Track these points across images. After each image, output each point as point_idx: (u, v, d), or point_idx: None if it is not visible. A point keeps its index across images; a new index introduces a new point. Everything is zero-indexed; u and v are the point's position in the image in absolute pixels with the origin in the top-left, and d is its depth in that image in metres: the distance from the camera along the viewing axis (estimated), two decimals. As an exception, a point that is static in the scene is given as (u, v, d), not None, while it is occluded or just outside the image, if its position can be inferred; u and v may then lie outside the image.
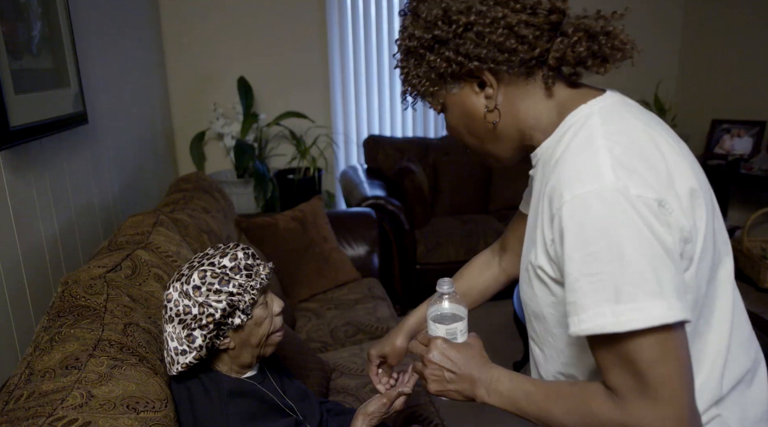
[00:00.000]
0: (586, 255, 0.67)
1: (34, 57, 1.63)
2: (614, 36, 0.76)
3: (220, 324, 1.06)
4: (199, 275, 1.05)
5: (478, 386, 0.84)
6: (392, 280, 3.13)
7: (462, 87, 0.82)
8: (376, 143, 3.70)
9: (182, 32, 3.57)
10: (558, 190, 0.71)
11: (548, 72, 0.79)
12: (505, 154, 0.88)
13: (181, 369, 1.06)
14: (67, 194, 1.84)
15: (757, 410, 0.82)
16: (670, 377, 0.65)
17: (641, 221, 0.66)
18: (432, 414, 1.61)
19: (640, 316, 0.64)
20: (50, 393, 0.92)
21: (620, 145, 0.71)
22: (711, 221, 0.76)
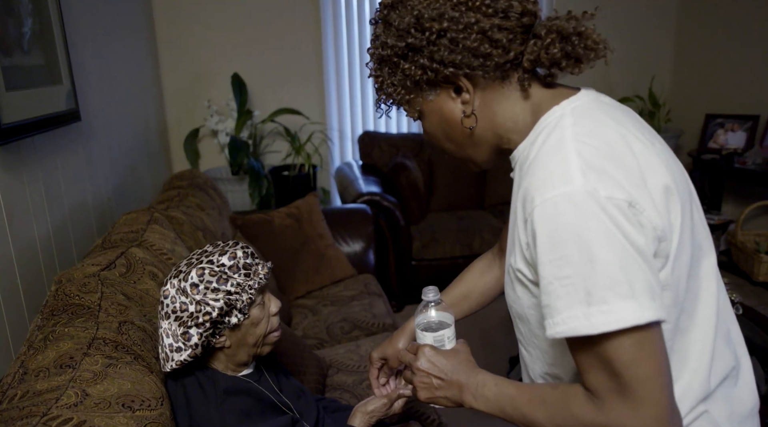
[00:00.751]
0: (557, 259, 0.67)
1: (25, 54, 1.61)
2: (587, 36, 0.76)
3: (217, 323, 1.05)
4: (198, 272, 1.04)
5: (465, 392, 0.85)
6: (388, 276, 3.13)
7: (438, 93, 0.82)
8: (371, 139, 3.69)
9: (175, 29, 3.55)
10: (530, 193, 0.72)
11: (523, 74, 0.79)
12: (482, 157, 0.88)
13: (175, 366, 1.05)
14: (61, 192, 1.83)
15: (745, 406, 0.82)
16: (648, 378, 0.65)
17: (611, 222, 0.66)
18: (429, 410, 1.62)
19: (612, 318, 0.64)
20: (44, 392, 0.91)
21: (590, 146, 0.71)
22: (689, 217, 0.75)
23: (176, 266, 1.12)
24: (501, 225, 3.33)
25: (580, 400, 0.71)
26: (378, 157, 3.66)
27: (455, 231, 3.25)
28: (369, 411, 1.17)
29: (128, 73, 2.82)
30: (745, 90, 3.67)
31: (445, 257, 3.24)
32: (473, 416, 2.23)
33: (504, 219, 3.42)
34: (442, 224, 3.30)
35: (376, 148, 3.67)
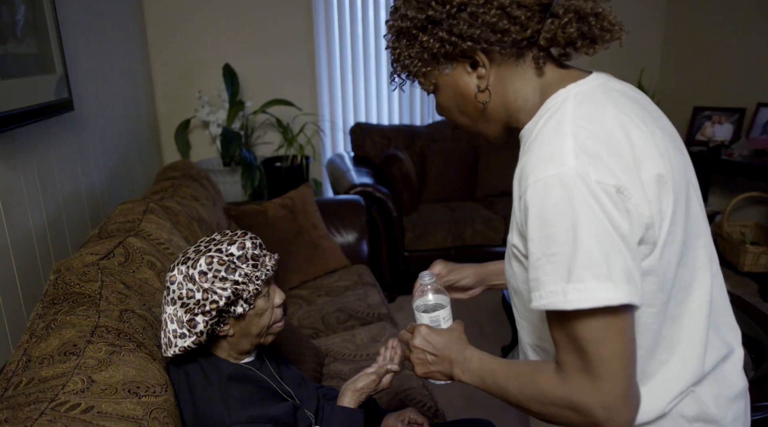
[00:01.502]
0: (545, 237, 0.70)
1: (18, 42, 1.60)
2: (603, 17, 0.77)
3: (223, 311, 1.05)
4: (206, 260, 1.05)
5: (455, 367, 0.91)
6: (380, 267, 3.14)
7: (454, 67, 0.83)
8: (363, 131, 3.70)
9: (165, 18, 3.52)
10: (524, 172, 0.74)
11: (538, 53, 0.80)
12: (493, 133, 0.89)
13: (178, 352, 1.05)
14: (55, 182, 1.82)
15: (733, 388, 0.85)
16: (611, 357, 0.68)
17: (598, 206, 0.68)
18: (425, 397, 1.64)
19: (585, 296, 0.67)
20: (50, 379, 0.92)
21: (587, 131, 0.72)
22: (683, 207, 0.77)
23: (183, 252, 1.12)
24: (492, 216, 3.35)
25: (548, 373, 0.75)
26: (370, 148, 3.67)
27: (447, 222, 3.27)
28: (358, 388, 1.19)
29: (118, 62, 2.80)
30: (732, 83, 3.73)
31: (437, 248, 3.26)
32: (468, 405, 2.26)
33: (495, 210, 3.45)
34: (434, 216, 3.32)
35: (368, 139, 3.68)
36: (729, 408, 0.83)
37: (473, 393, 2.36)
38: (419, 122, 4.08)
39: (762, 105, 3.48)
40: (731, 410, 0.83)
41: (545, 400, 0.75)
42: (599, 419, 0.70)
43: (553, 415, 0.75)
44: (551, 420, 0.76)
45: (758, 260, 3.29)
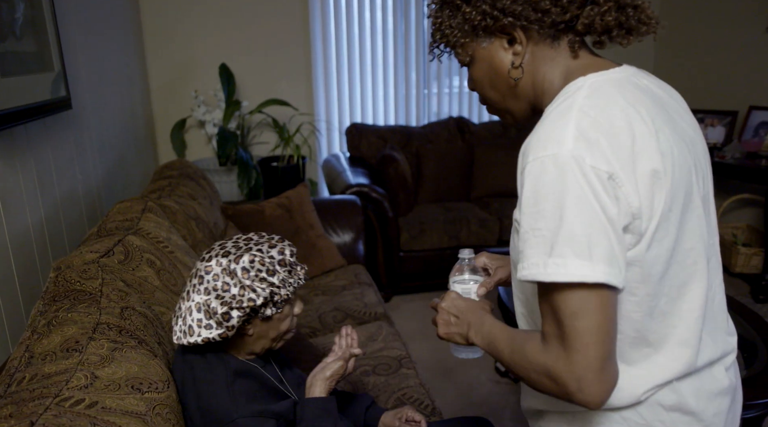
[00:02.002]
0: (535, 212, 0.73)
1: (17, 40, 1.60)
2: (642, 10, 0.81)
3: (255, 311, 1.07)
4: (250, 258, 1.07)
5: (471, 329, 0.95)
6: (376, 267, 3.15)
7: (492, 41, 0.86)
8: (359, 131, 3.71)
9: (161, 18, 3.52)
10: (527, 150, 0.77)
11: (574, 38, 0.83)
12: (520, 111, 0.92)
13: (200, 342, 1.06)
14: (52, 180, 1.82)
15: (716, 384, 0.86)
16: (585, 331, 0.71)
17: (589, 189, 0.71)
18: (423, 395, 1.65)
19: (563, 271, 0.71)
20: (53, 375, 0.92)
21: (590, 118, 0.75)
22: (680, 207, 0.78)
23: (219, 244, 1.13)
24: (487, 217, 3.37)
25: (533, 341, 0.78)
26: (366, 149, 3.68)
27: (443, 223, 3.28)
28: (328, 376, 1.19)
29: (115, 62, 2.79)
30: (724, 86, 3.77)
31: (432, 248, 3.28)
32: (465, 404, 2.27)
33: (490, 211, 3.47)
34: (430, 216, 3.33)
35: (364, 140, 3.69)
36: (710, 403, 0.84)
37: (470, 392, 2.37)
38: (415, 123, 4.10)
39: (754, 108, 3.52)
40: (713, 404, 0.85)
41: (528, 366, 0.78)
42: (571, 389, 0.72)
43: (534, 381, 0.78)
44: (533, 386, 0.79)
45: (750, 261, 3.32)
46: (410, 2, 3.85)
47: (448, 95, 4.17)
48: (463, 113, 4.18)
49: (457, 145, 3.73)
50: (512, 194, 3.66)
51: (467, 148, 3.72)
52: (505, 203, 3.51)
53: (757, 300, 3.13)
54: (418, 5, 3.87)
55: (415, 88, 4.04)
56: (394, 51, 3.93)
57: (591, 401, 0.72)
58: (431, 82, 4.09)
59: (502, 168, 3.67)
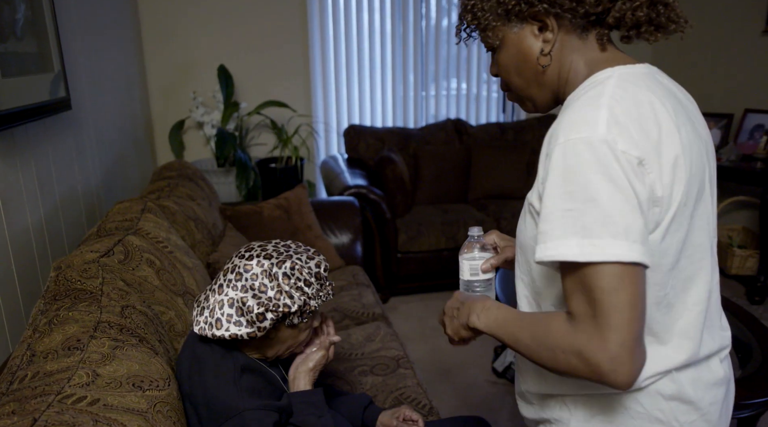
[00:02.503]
0: (565, 193, 0.74)
1: (18, 40, 1.61)
2: (672, 8, 0.82)
3: (285, 317, 1.09)
4: (291, 265, 1.09)
5: (471, 313, 0.93)
6: (374, 268, 3.16)
7: (523, 27, 0.87)
8: (357, 133, 3.72)
9: (160, 19, 3.53)
10: (556, 133, 0.78)
11: (603, 30, 0.84)
12: (542, 100, 0.93)
13: (227, 337, 1.07)
14: (52, 180, 1.82)
15: (713, 374, 0.88)
16: (622, 308, 0.71)
17: (621, 172, 0.72)
18: (420, 395, 1.66)
19: (600, 251, 0.71)
20: (55, 373, 0.93)
21: (621, 105, 0.77)
22: (693, 202, 0.81)
23: (261, 246, 1.14)
24: (484, 218, 3.39)
25: (560, 320, 0.77)
26: (364, 150, 3.69)
27: (440, 224, 3.29)
28: (311, 368, 1.21)
29: (114, 63, 2.80)
30: (719, 89, 3.79)
31: (430, 250, 3.29)
32: (462, 404, 2.28)
33: (487, 212, 3.49)
34: (427, 217, 3.35)
35: (362, 141, 3.70)
36: (707, 392, 0.87)
37: (468, 392, 2.38)
38: (413, 125, 4.11)
39: (749, 111, 3.54)
40: (709, 394, 0.87)
41: (555, 347, 0.76)
42: (604, 370, 0.71)
43: (560, 363, 0.76)
44: (557, 369, 0.77)
45: (745, 263, 3.34)
46: (408, 4, 3.86)
47: (446, 97, 4.18)
48: (460, 115, 4.19)
49: (455, 147, 3.75)
50: (509, 196, 3.68)
51: (465, 150, 3.74)
52: (502, 205, 3.52)
53: (752, 302, 3.15)
54: (416, 7, 3.89)
55: (412, 90, 4.05)
56: (392, 53, 3.94)
57: (623, 381, 0.71)
58: (429, 84, 4.10)
59: (500, 170, 3.69)
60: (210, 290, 1.13)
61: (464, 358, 2.64)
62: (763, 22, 3.47)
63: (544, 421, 0.94)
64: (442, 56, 4.06)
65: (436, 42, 4.01)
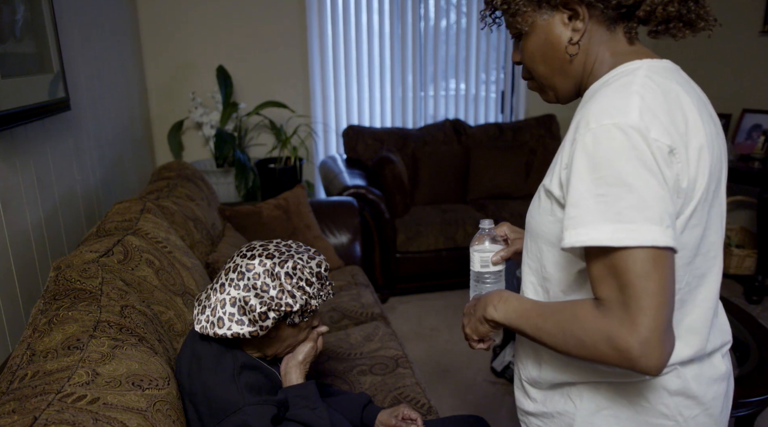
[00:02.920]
0: (597, 178, 0.73)
1: (18, 41, 1.61)
2: (702, 5, 0.83)
3: (287, 316, 1.10)
4: (293, 264, 1.10)
5: (488, 306, 0.92)
6: (373, 268, 3.17)
7: (553, 15, 0.86)
8: (356, 133, 3.72)
9: (159, 19, 3.53)
10: (586, 119, 0.78)
11: (632, 24, 0.85)
12: (565, 90, 0.92)
13: (229, 336, 1.08)
14: (51, 181, 1.83)
15: (715, 370, 0.90)
16: (655, 292, 0.70)
17: (653, 159, 0.72)
18: (419, 394, 1.66)
19: (634, 236, 0.71)
20: (55, 372, 0.93)
21: (652, 95, 0.77)
22: (710, 199, 0.82)
23: (262, 245, 1.15)
24: (483, 218, 3.38)
25: (587, 306, 0.77)
26: (362, 150, 3.70)
27: (439, 224, 3.30)
28: (301, 361, 1.22)
29: (113, 63, 2.81)
30: (717, 89, 3.80)
31: (429, 250, 3.29)
32: (461, 403, 2.29)
33: (486, 213, 3.49)
34: (426, 218, 3.35)
35: (361, 142, 3.71)
36: (710, 387, 0.88)
37: (466, 392, 2.39)
38: (411, 125, 4.12)
39: (747, 111, 3.55)
40: (711, 389, 0.88)
41: (582, 334, 0.75)
42: (634, 355, 0.70)
43: (588, 350, 0.75)
44: (585, 356, 0.76)
45: (743, 262, 3.35)
46: (407, 5, 3.87)
47: (445, 98, 4.19)
48: (459, 116, 4.20)
49: (453, 148, 3.75)
50: (508, 196, 3.69)
51: (463, 150, 3.74)
52: (500, 205, 3.53)
53: (750, 301, 3.15)
54: (414, 8, 3.89)
55: (411, 90, 4.06)
56: (391, 53, 3.95)
57: (654, 365, 0.70)
58: (428, 85, 4.11)
59: (498, 170, 3.69)
60: (211, 289, 1.14)
61: (463, 357, 2.64)
62: (761, 22, 3.48)
63: (546, 415, 0.94)
64: (441, 56, 4.06)
65: (434, 42, 4.02)
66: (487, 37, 4.09)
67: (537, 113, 4.18)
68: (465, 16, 4.05)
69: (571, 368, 0.89)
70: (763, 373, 1.69)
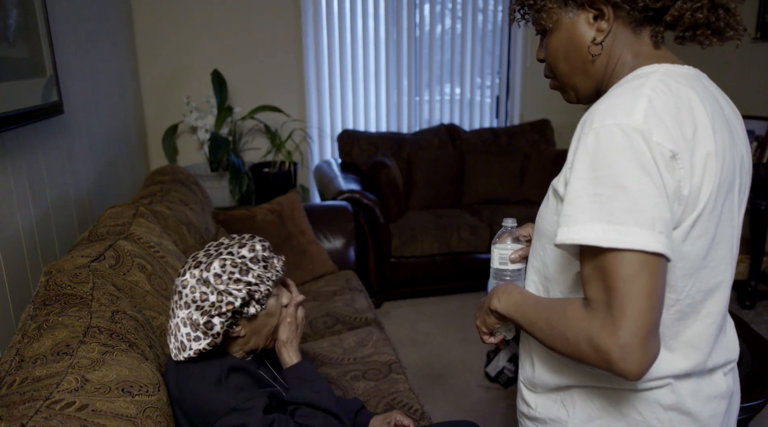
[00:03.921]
0: (594, 178, 0.73)
1: (10, 45, 1.61)
2: (732, 14, 0.81)
3: (237, 313, 1.08)
4: (219, 263, 1.08)
5: (493, 297, 0.93)
6: (367, 273, 3.16)
7: (578, 14, 0.85)
8: (351, 138, 3.73)
9: (154, 23, 3.53)
10: (591, 116, 0.77)
11: (658, 28, 0.84)
12: (584, 90, 0.92)
13: (192, 355, 1.08)
14: (44, 185, 1.82)
15: (715, 387, 0.88)
16: (637, 295, 0.70)
17: (654, 164, 0.72)
18: (412, 400, 1.66)
19: (624, 238, 0.70)
20: (44, 378, 0.93)
21: (661, 98, 0.76)
22: (719, 211, 0.79)
23: (192, 256, 1.14)
24: (478, 223, 3.39)
25: (576, 305, 0.77)
26: (357, 155, 3.70)
27: (433, 229, 3.30)
28: (285, 340, 1.21)
29: (107, 67, 2.80)
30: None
31: (423, 255, 3.29)
32: (454, 409, 2.28)
33: (481, 218, 3.50)
34: (421, 222, 3.35)
35: (356, 146, 3.71)
36: (707, 405, 0.86)
37: (460, 397, 2.38)
38: (406, 130, 4.13)
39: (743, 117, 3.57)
40: (709, 406, 0.86)
41: (568, 332, 0.76)
42: (613, 357, 0.70)
43: (572, 348, 0.75)
44: (569, 355, 0.77)
45: (736, 267, 3.36)
46: (402, 10, 3.88)
47: (440, 102, 4.20)
48: (454, 120, 4.21)
49: (448, 152, 3.76)
50: (503, 201, 3.69)
51: (458, 155, 3.75)
52: (495, 210, 3.53)
53: (743, 306, 3.16)
54: (409, 13, 3.91)
55: (406, 95, 4.07)
56: (386, 58, 3.96)
57: (632, 370, 0.70)
58: (422, 90, 4.12)
59: (493, 175, 3.70)
60: (169, 317, 1.14)
61: (457, 363, 2.64)
62: (753, 29, 3.50)
63: (539, 420, 0.94)
64: (436, 61, 4.07)
65: (429, 47, 4.03)
66: (482, 42, 4.10)
67: (532, 118, 4.20)
68: (460, 21, 4.06)
69: (563, 370, 0.89)
70: (755, 379, 1.70)
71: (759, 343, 1.90)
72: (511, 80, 4.22)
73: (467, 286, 3.39)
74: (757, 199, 3.06)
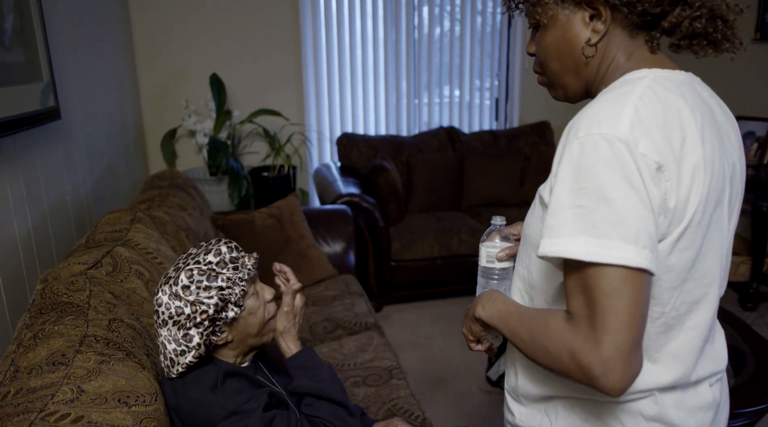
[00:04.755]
0: (577, 189, 0.71)
1: (6, 50, 1.60)
2: (730, 26, 0.80)
3: (215, 320, 1.07)
4: (186, 274, 1.07)
5: (477, 305, 0.92)
6: (367, 276, 3.15)
7: (575, 12, 0.83)
8: (350, 141, 3.72)
9: (152, 27, 3.52)
10: (576, 126, 0.75)
11: (655, 34, 0.82)
12: (574, 90, 0.90)
13: (182, 370, 1.07)
14: (41, 191, 1.81)
15: (700, 398, 0.86)
16: (620, 311, 0.68)
17: (639, 176, 0.70)
18: (413, 406, 1.64)
19: (607, 252, 0.69)
20: (39, 389, 0.91)
21: (648, 108, 0.74)
22: (707, 222, 0.77)
23: (164, 273, 1.13)
24: (478, 226, 3.38)
25: (558, 318, 0.75)
26: (356, 158, 3.68)
27: (433, 232, 3.29)
28: (282, 330, 1.21)
29: (105, 71, 2.79)
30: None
31: (423, 258, 3.28)
32: (455, 414, 2.27)
33: (481, 220, 3.48)
34: (421, 225, 3.34)
35: (355, 149, 3.70)
36: (691, 416, 0.84)
37: (462, 402, 2.37)
38: (405, 133, 4.12)
39: (740, 118, 3.56)
40: (695, 418, 0.84)
41: (550, 345, 0.74)
42: (594, 372, 0.69)
43: (554, 361, 0.74)
44: (551, 367, 0.76)
45: (737, 269, 3.35)
46: (401, 12, 3.87)
47: (439, 105, 4.19)
48: (453, 123, 4.20)
49: (448, 155, 3.75)
50: (503, 203, 3.68)
51: (458, 157, 3.74)
52: (495, 212, 3.50)
53: (745, 308, 3.15)
54: (408, 15, 3.90)
55: (405, 97, 4.06)
56: (385, 61, 3.95)
57: (613, 387, 0.69)
58: (422, 92, 4.11)
59: (493, 178, 3.69)
60: (156, 336, 1.13)
61: (458, 366, 2.62)
62: (753, 29, 3.49)
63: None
64: (435, 64, 4.07)
65: (428, 49, 4.02)
66: (481, 44, 4.10)
67: (531, 120, 4.19)
68: (459, 23, 4.05)
69: (546, 381, 0.88)
70: (758, 383, 1.68)
71: (761, 345, 1.89)
72: (511, 82, 4.21)
73: (468, 288, 3.37)
74: (759, 201, 3.04)
